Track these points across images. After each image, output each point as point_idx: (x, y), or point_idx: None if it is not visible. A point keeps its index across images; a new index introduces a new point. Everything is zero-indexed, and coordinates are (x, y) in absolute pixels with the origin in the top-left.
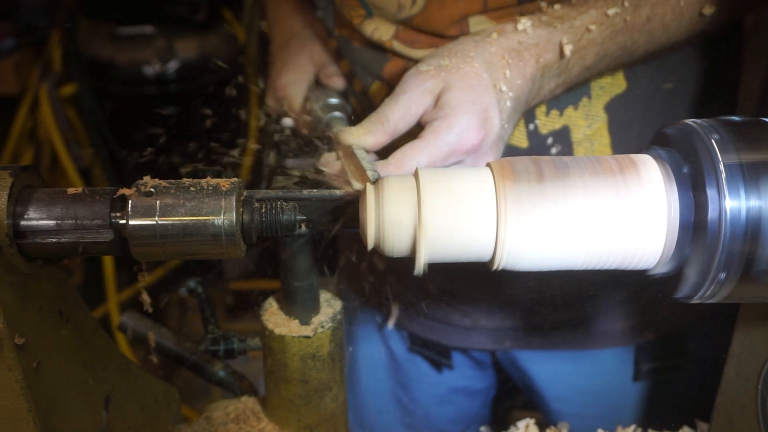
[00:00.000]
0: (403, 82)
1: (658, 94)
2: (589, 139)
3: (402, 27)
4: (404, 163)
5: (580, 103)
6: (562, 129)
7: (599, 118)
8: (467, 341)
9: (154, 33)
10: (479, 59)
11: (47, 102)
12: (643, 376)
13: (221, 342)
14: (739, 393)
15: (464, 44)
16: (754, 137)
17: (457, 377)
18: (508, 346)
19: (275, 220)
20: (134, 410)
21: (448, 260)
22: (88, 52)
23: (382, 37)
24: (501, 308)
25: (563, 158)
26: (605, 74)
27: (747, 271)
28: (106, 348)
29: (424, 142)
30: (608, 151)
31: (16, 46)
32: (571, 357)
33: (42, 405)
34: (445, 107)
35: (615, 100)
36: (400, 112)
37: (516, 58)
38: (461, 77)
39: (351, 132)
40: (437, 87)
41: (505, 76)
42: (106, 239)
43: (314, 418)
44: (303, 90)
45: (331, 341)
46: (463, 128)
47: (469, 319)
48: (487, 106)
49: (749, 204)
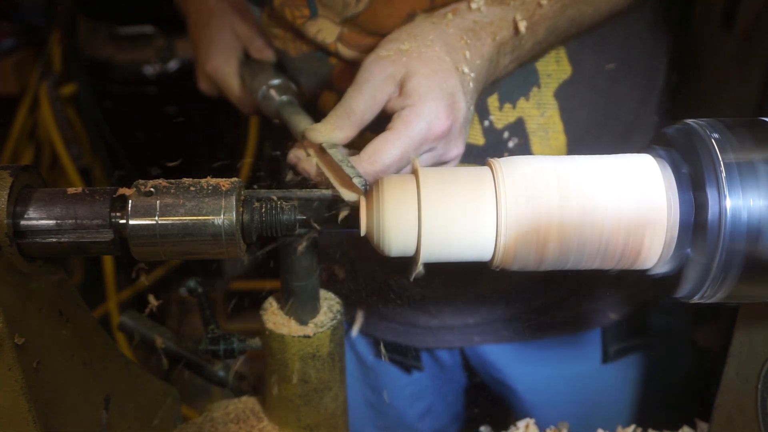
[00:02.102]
0: (363, 69)
1: (602, 76)
2: (543, 127)
3: (347, 29)
4: (377, 158)
5: (531, 93)
6: (516, 121)
7: (550, 106)
8: (436, 341)
9: (154, 33)
10: (439, 42)
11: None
12: (612, 357)
13: (221, 342)
14: (739, 393)
15: (422, 27)
16: (754, 137)
17: (427, 377)
18: (477, 341)
19: (275, 220)
20: (134, 410)
21: (447, 260)
22: (87, 52)
23: (326, 39)
24: (467, 305)
25: (563, 157)
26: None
27: (747, 271)
28: (106, 348)
29: (395, 134)
30: (562, 137)
31: (16, 46)
32: (540, 346)
33: (42, 405)
34: (412, 95)
35: (563, 86)
36: (366, 102)
37: (473, 38)
38: (424, 62)
39: (319, 129)
40: (399, 73)
41: (465, 57)
42: (106, 239)
43: (314, 418)
44: (236, 69)
45: (331, 341)
46: (432, 115)
47: (436, 319)
48: (453, 90)
49: (749, 204)
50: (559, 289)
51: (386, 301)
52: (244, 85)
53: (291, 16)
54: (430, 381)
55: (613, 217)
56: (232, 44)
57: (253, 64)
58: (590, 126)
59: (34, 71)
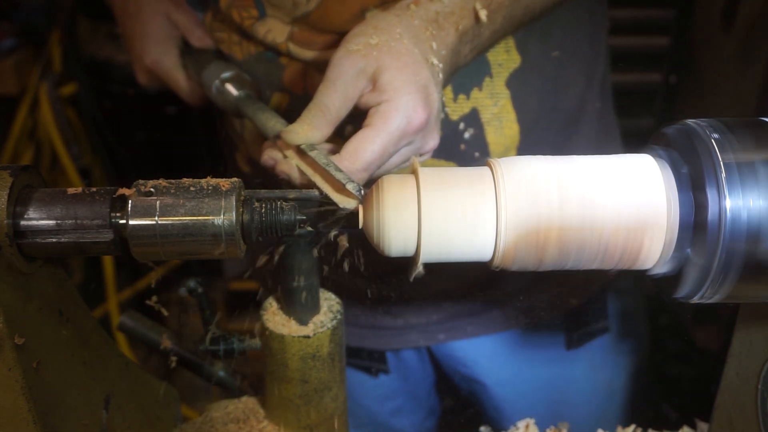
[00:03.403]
0: (334, 65)
1: (548, 63)
2: (497, 117)
3: (297, 28)
4: (359, 156)
5: (484, 83)
6: (471, 112)
7: (503, 95)
8: (402, 342)
9: None
10: (407, 35)
11: (47, 102)
12: (575, 343)
13: (221, 342)
14: (739, 393)
15: (387, 20)
16: (754, 137)
17: (395, 378)
18: (442, 339)
19: (275, 220)
20: (134, 410)
21: (447, 260)
22: (87, 52)
23: (276, 40)
24: (431, 303)
25: (562, 157)
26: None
27: (747, 271)
28: (106, 348)
29: (375, 131)
30: (515, 126)
31: (16, 46)
32: (505, 338)
33: (42, 405)
34: (387, 89)
35: (513, 75)
36: (339, 99)
37: (438, 29)
38: (395, 56)
39: (296, 131)
40: (371, 67)
41: (432, 48)
42: (106, 239)
43: (314, 418)
44: (177, 61)
45: (330, 341)
46: (410, 109)
47: (400, 319)
48: (426, 83)
49: (749, 204)
50: (520, 279)
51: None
52: (189, 76)
53: (239, 17)
54: (399, 382)
55: (613, 218)
56: (169, 34)
57: (195, 53)
58: (540, 114)
59: (34, 71)
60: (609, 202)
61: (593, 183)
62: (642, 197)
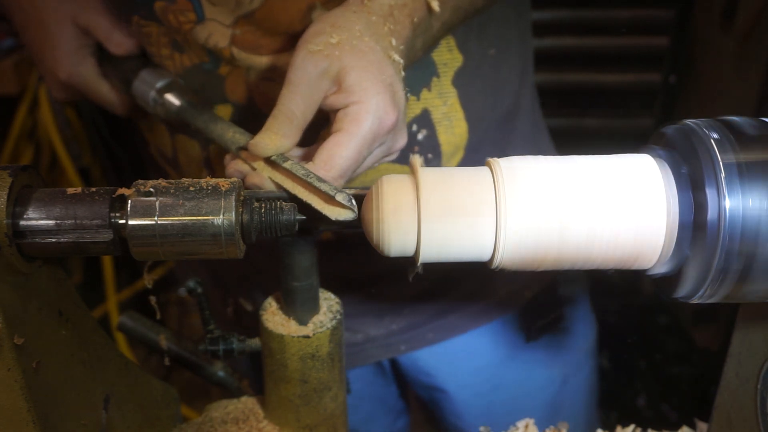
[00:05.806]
0: (296, 67)
1: (486, 61)
2: (447, 116)
3: (240, 30)
4: (334, 164)
5: (432, 83)
6: (422, 113)
7: (451, 94)
8: (363, 358)
9: None
10: (367, 32)
11: (47, 102)
12: (534, 336)
13: (221, 342)
14: (739, 393)
15: (345, 17)
16: (753, 137)
17: (358, 390)
18: (404, 350)
19: (275, 220)
20: (134, 410)
21: (446, 260)
22: None
23: (218, 44)
24: (388, 312)
25: (562, 157)
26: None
27: (747, 271)
28: (106, 348)
29: (348, 135)
30: (464, 124)
31: (15, 46)
32: (465, 341)
33: (41, 405)
34: (355, 90)
35: (458, 73)
36: (305, 102)
37: (394, 23)
38: (358, 55)
39: (265, 142)
40: (335, 68)
41: (392, 44)
42: (105, 239)
43: (314, 418)
44: (96, 71)
45: (330, 341)
46: (380, 110)
47: (360, 334)
48: (391, 80)
49: (749, 204)
50: (477, 278)
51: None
52: (113, 85)
53: (176, 22)
54: (364, 394)
55: (613, 218)
56: (81, 42)
57: (115, 61)
58: (484, 112)
59: (33, 71)
60: (609, 202)
61: (593, 183)
62: (642, 197)
